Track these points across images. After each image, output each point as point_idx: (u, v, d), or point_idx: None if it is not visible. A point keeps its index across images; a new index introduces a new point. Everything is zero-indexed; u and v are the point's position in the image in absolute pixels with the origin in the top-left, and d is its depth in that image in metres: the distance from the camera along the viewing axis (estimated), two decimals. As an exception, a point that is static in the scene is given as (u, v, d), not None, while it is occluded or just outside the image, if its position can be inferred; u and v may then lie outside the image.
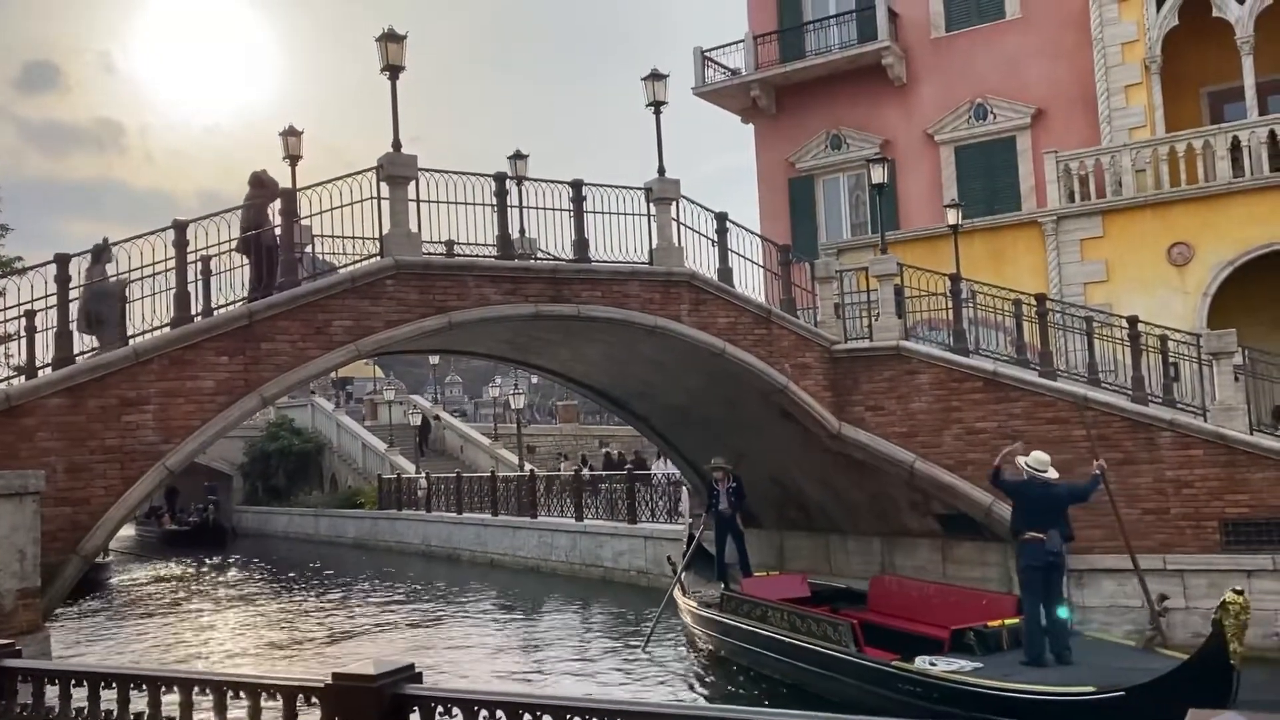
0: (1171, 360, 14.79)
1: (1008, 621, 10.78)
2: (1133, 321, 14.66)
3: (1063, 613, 10.20)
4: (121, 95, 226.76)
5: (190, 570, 30.13)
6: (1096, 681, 9.07)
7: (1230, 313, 16.63)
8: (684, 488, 20.76)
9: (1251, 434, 13.35)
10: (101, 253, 11.68)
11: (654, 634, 15.42)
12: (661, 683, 13.45)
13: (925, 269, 16.12)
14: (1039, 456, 10.66)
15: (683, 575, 15.81)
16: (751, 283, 15.68)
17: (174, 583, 27.31)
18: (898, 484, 15.07)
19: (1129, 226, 18.11)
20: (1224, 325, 15.04)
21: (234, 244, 12.14)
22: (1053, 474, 10.54)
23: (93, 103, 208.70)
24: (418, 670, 3.96)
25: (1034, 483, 10.42)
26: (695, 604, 14.81)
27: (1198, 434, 13.26)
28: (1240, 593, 8.27)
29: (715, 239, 15.23)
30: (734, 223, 15.47)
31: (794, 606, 12.76)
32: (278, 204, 12.48)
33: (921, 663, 10.18)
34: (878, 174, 17.41)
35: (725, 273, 15.07)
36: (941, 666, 10.00)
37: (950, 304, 15.44)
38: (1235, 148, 17.49)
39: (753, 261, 15.85)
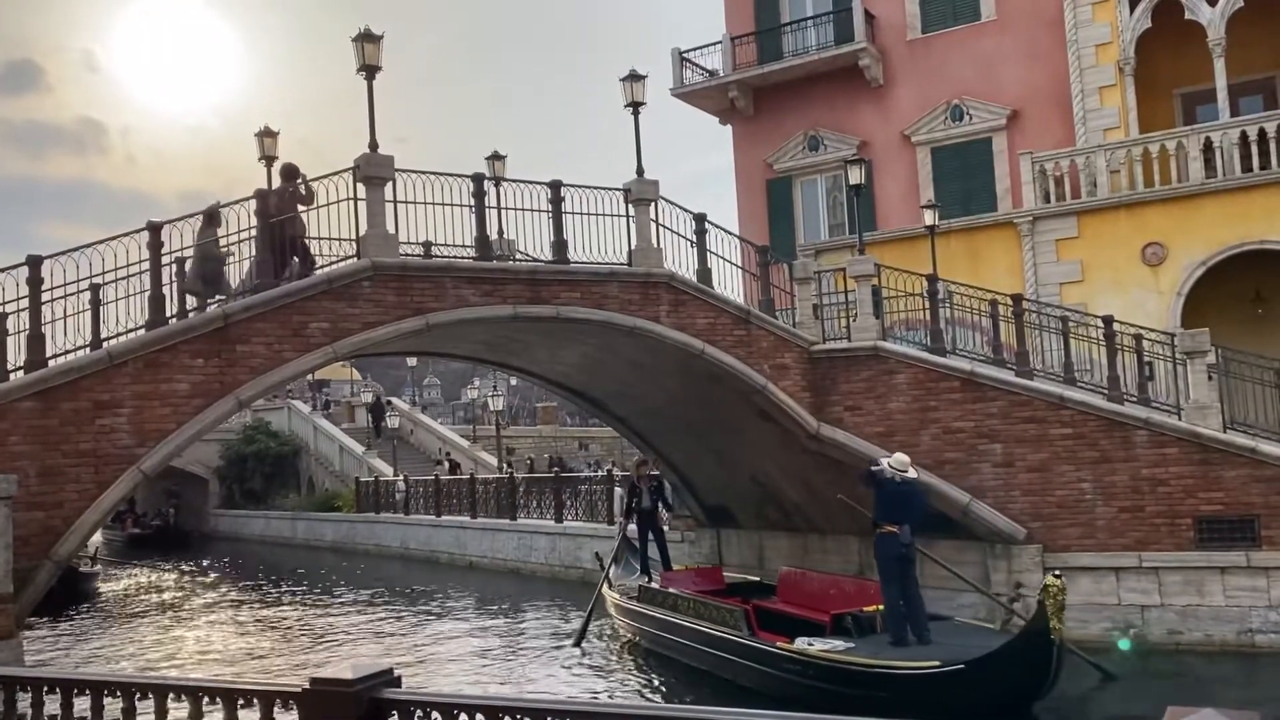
0: (1146, 359, 14.92)
1: (882, 607, 11.73)
2: (1108, 321, 14.77)
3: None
4: (104, 95, 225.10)
5: (167, 576, 29.84)
6: (947, 657, 10.23)
7: (1204, 312, 16.81)
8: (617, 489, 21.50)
9: (1225, 432, 13.48)
10: (213, 216, 12.13)
11: (586, 630, 15.67)
12: (577, 675, 13.78)
13: (902, 269, 16.19)
14: (900, 458, 11.81)
15: (611, 570, 16.44)
16: (730, 284, 15.71)
17: (153, 589, 27.00)
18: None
19: (1103, 227, 18.26)
20: (1197, 324, 15.21)
21: (255, 232, 12.24)
22: (912, 474, 11.69)
23: (74, 102, 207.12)
24: (396, 674, 3.94)
25: (895, 480, 11.50)
26: (618, 596, 15.53)
27: (1172, 432, 13.39)
28: (1059, 576, 9.69)
29: (694, 240, 15.24)
30: (713, 224, 15.50)
31: (699, 596, 13.67)
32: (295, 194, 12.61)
33: (801, 643, 11.24)
34: (855, 175, 17.47)
35: (704, 274, 15.09)
36: (818, 646, 11.08)
37: (927, 304, 15.51)
38: (1208, 149, 17.69)
39: (731, 262, 15.88)
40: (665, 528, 17.37)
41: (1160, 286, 17.64)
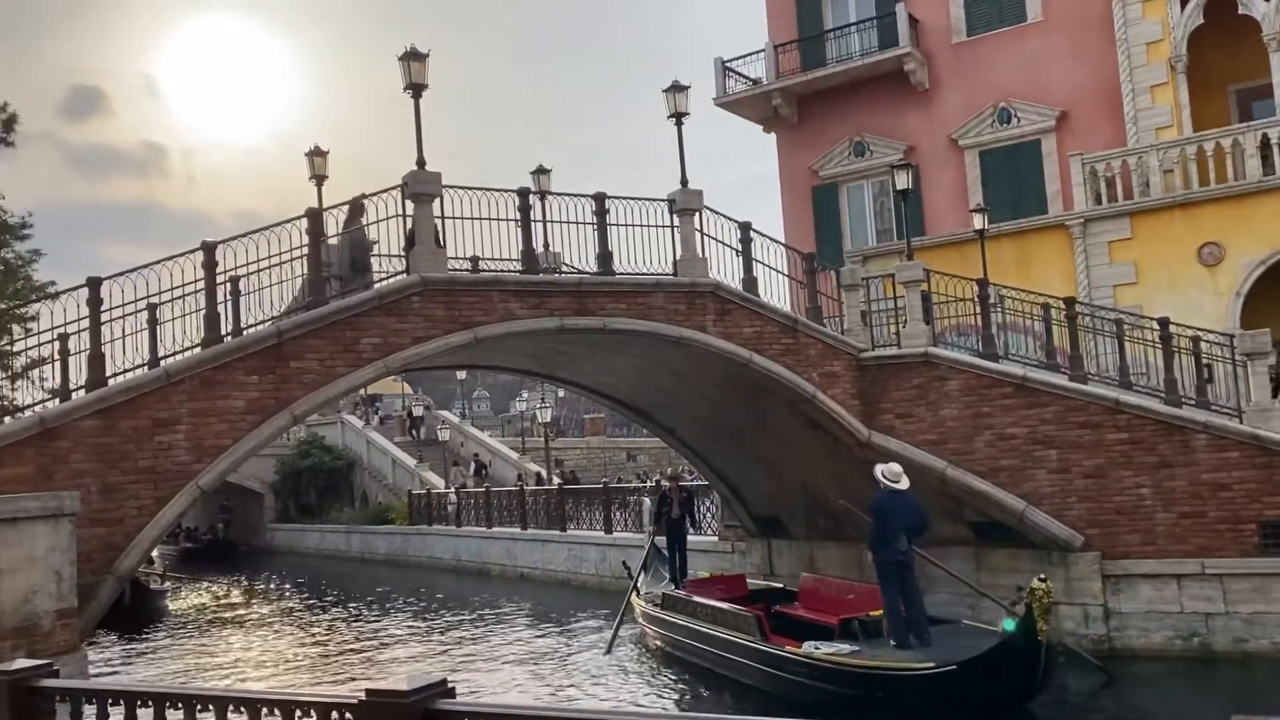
0: (1205, 362, 14.62)
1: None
2: (1164, 323, 14.51)
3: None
4: (165, 118, 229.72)
5: (229, 590, 30.28)
6: (942, 658, 10.57)
7: (1263, 312, 16.44)
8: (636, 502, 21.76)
9: (1289, 435, 13.15)
10: (359, 207, 12.87)
11: (616, 638, 16.07)
12: (609, 681, 14.10)
13: (952, 274, 16.01)
14: (893, 468, 12.15)
15: (641, 579, 16.90)
16: (777, 292, 15.65)
17: (217, 604, 27.36)
18: (929, 492, 14.93)
19: (1158, 227, 17.93)
20: (1257, 325, 14.87)
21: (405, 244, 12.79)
22: (904, 483, 11.94)
23: (136, 126, 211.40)
24: (450, 685, 3.97)
25: (887, 492, 11.85)
26: (645, 604, 16.03)
27: (1233, 436, 13.09)
28: (1044, 580, 10.04)
29: (739, 249, 15.20)
30: (758, 232, 15.45)
31: (715, 602, 14.06)
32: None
33: (808, 647, 11.66)
34: (902, 180, 17.34)
35: (750, 282, 15.04)
36: (823, 650, 11.48)
37: (978, 309, 15.34)
38: (1265, 145, 17.31)
39: (778, 271, 15.82)
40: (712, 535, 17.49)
41: (1218, 287, 17.28)
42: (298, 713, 4.19)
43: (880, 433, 15.03)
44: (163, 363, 11.20)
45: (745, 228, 15.26)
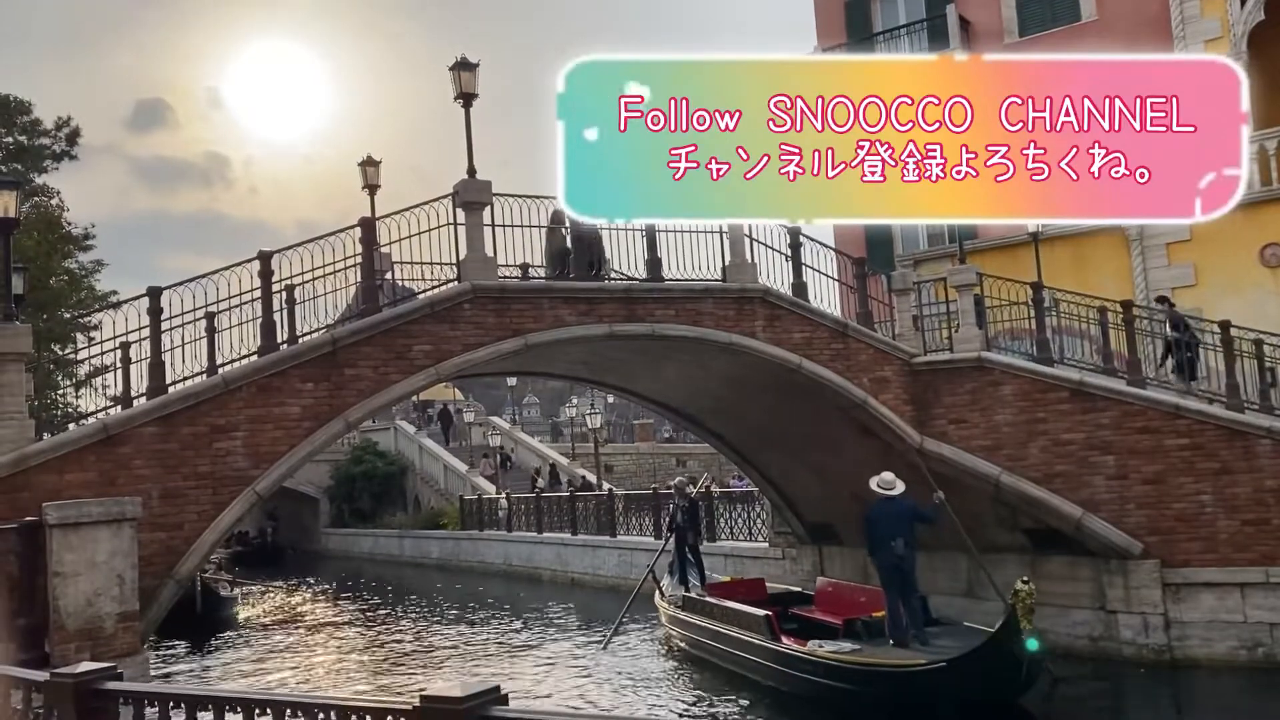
0: (1268, 365, 14.28)
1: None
2: (1225, 326, 14.20)
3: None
4: (227, 130, 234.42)
5: (290, 595, 30.62)
6: (935, 657, 11.12)
7: (1330, 314, 16.01)
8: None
9: (1357, 440, 12.79)
10: None
11: (613, 635, 16.92)
12: (635, 682, 14.58)
13: (1005, 278, 15.80)
14: (885, 477, 12.60)
15: (663, 583, 17.58)
16: (827, 297, 15.58)
17: (279, 609, 27.63)
18: (983, 499, 14.76)
19: (1217, 228, 17.41)
20: (1324, 328, 14.49)
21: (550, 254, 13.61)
22: (898, 489, 12.46)
23: (201, 138, 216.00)
24: (504, 692, 4.00)
25: (881, 499, 12.36)
26: (668, 606, 16.73)
27: (1299, 441, 12.77)
28: (1027, 582, 10.43)
29: (789, 254, 15.15)
30: (808, 237, 15.38)
31: (731, 604, 14.56)
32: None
33: (812, 646, 12.28)
34: (953, 183, 17.13)
35: (800, 288, 14.97)
36: (826, 648, 12.07)
37: (1032, 313, 15.11)
38: (1330, 143, 16.89)
39: (828, 276, 15.75)
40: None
41: (1282, 288, 16.87)
42: (353, 718, 4.25)
43: (933, 439, 14.87)
44: (221, 370, 11.42)
45: (794, 233, 15.19)
